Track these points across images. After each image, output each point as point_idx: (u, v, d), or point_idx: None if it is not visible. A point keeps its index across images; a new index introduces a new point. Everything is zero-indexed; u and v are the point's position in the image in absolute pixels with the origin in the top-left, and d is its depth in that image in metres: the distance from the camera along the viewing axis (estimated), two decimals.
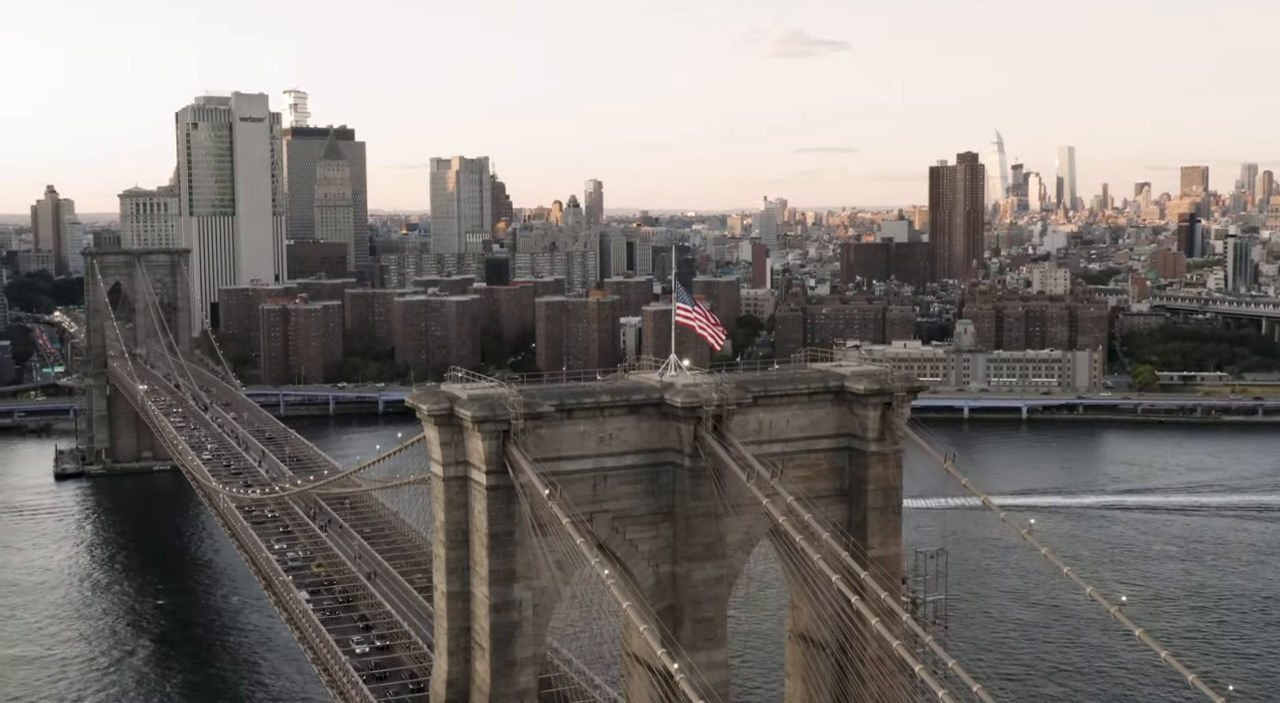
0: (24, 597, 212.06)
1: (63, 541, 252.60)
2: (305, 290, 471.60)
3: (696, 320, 79.86)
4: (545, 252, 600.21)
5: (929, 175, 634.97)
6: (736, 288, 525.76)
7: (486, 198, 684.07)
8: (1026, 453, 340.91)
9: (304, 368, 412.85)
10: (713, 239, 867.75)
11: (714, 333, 79.20)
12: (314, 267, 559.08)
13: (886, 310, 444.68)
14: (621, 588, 60.09)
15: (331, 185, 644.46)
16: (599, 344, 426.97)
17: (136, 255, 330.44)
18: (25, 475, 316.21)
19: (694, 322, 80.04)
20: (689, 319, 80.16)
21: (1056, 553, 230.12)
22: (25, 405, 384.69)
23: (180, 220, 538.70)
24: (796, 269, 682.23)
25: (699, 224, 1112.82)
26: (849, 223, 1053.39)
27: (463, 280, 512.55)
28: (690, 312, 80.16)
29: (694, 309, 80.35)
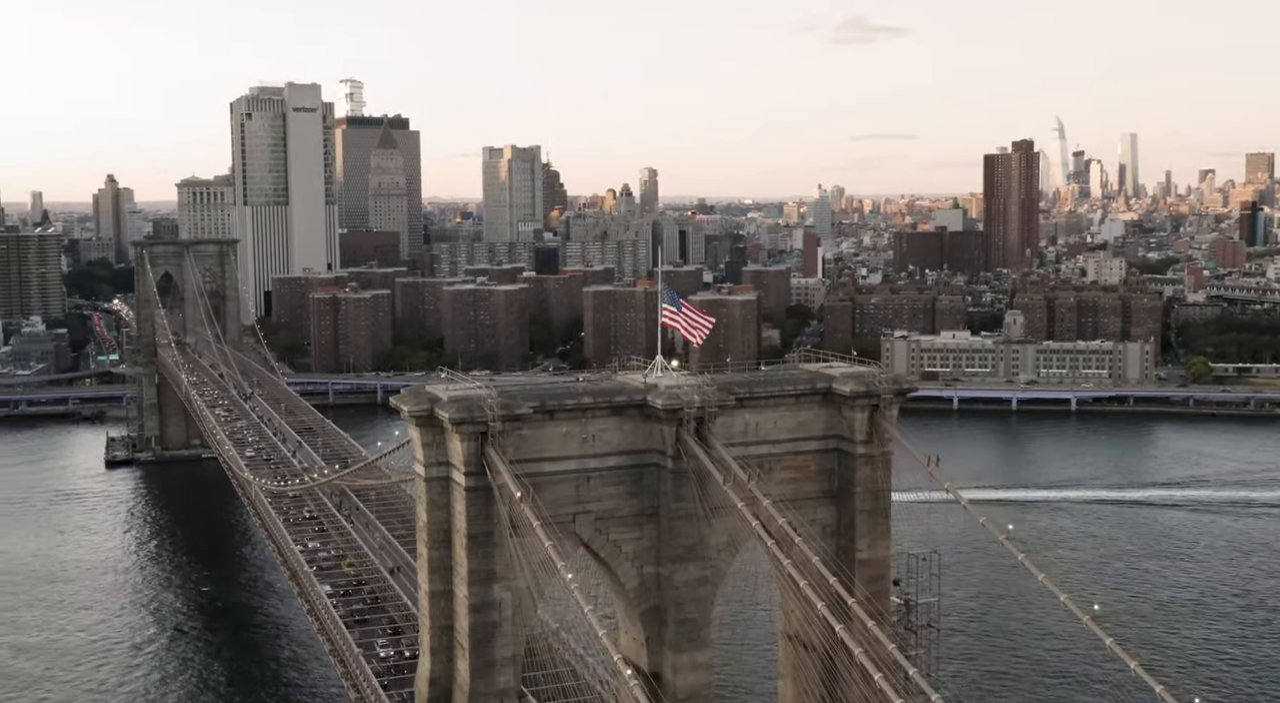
0: (72, 584, 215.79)
1: (111, 527, 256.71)
2: (356, 279, 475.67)
3: (680, 319, 79.49)
4: (596, 240, 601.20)
5: (984, 163, 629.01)
6: (787, 277, 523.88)
7: (538, 186, 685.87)
8: (1074, 446, 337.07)
9: (353, 356, 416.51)
10: (766, 227, 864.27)
11: (699, 329, 78.91)
12: (366, 255, 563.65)
13: (936, 300, 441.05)
14: (587, 593, 60.13)
15: (385, 175, 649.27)
16: (646, 333, 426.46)
17: (185, 245, 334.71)
18: (78, 462, 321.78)
19: (677, 321, 79.76)
20: (672, 319, 79.94)
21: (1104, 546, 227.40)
22: (80, 392, 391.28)
23: (235, 210, 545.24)
24: (850, 258, 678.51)
25: (755, 212, 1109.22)
26: (906, 211, 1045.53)
27: (513, 269, 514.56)
28: (675, 312, 79.99)
29: (679, 309, 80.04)
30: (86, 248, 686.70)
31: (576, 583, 59.47)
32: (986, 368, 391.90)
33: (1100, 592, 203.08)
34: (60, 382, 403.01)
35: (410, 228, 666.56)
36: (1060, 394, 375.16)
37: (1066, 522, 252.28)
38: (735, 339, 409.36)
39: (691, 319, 79.96)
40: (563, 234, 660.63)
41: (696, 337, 79.51)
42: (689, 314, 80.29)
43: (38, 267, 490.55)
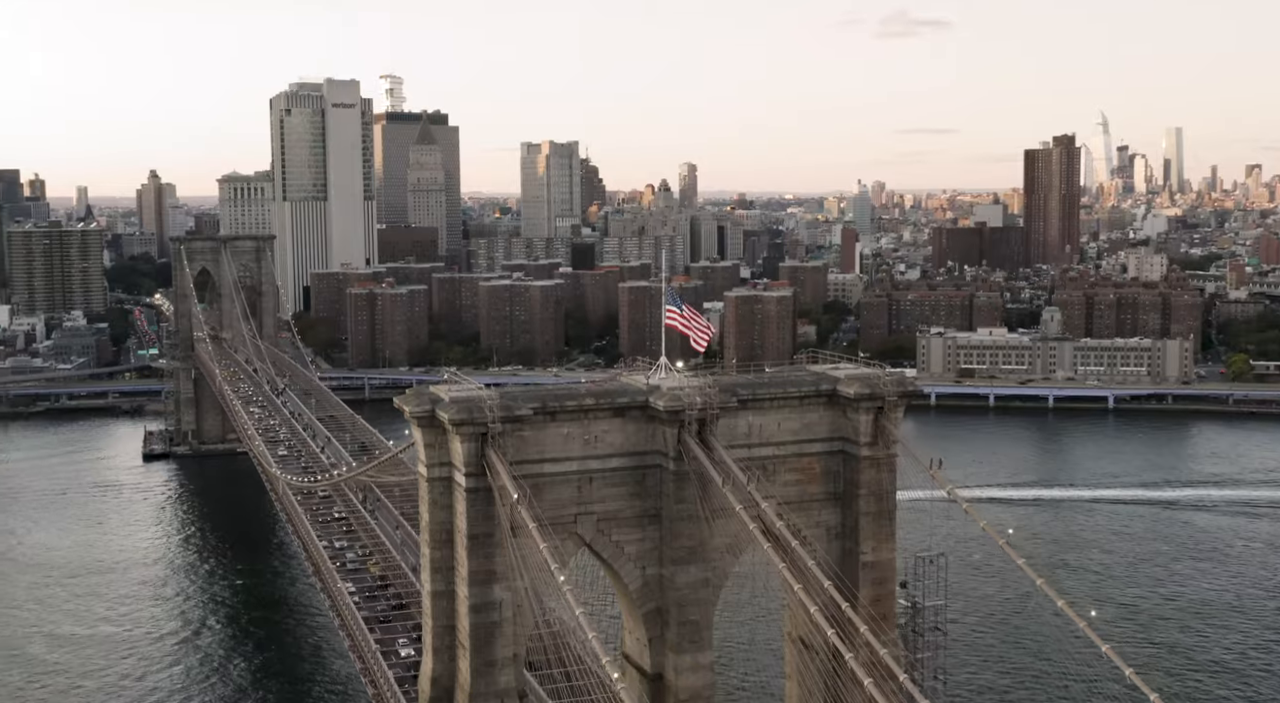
0: (107, 576, 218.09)
1: (147, 520, 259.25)
2: (394, 275, 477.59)
3: (683, 322, 79.45)
4: (633, 236, 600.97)
5: (1024, 158, 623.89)
6: (824, 273, 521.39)
7: (576, 182, 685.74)
8: (1111, 444, 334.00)
9: (389, 352, 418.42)
10: (806, 223, 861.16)
11: (697, 333, 78.85)
12: (405, 251, 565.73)
13: (974, 297, 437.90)
14: (579, 595, 60.22)
15: (424, 170, 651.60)
16: None
17: (222, 241, 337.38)
18: (116, 455, 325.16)
19: (680, 323, 79.71)
20: (679, 323, 79.88)
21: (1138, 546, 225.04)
22: (120, 386, 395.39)
23: (274, 205, 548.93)
24: (889, 253, 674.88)
25: (795, 207, 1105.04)
26: (948, 206, 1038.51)
27: (549, 265, 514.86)
28: (678, 313, 79.93)
29: (681, 312, 79.98)
30: (129, 243, 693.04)
31: (569, 585, 59.46)
32: (1024, 365, 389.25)
33: (1133, 593, 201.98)
34: (100, 376, 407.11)
35: (449, 223, 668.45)
36: (1097, 392, 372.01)
37: (1102, 521, 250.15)
38: (770, 335, 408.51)
39: (694, 323, 79.89)
40: (601, 230, 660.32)
41: (700, 341, 79.37)
42: (692, 318, 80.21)
43: (80, 261, 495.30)
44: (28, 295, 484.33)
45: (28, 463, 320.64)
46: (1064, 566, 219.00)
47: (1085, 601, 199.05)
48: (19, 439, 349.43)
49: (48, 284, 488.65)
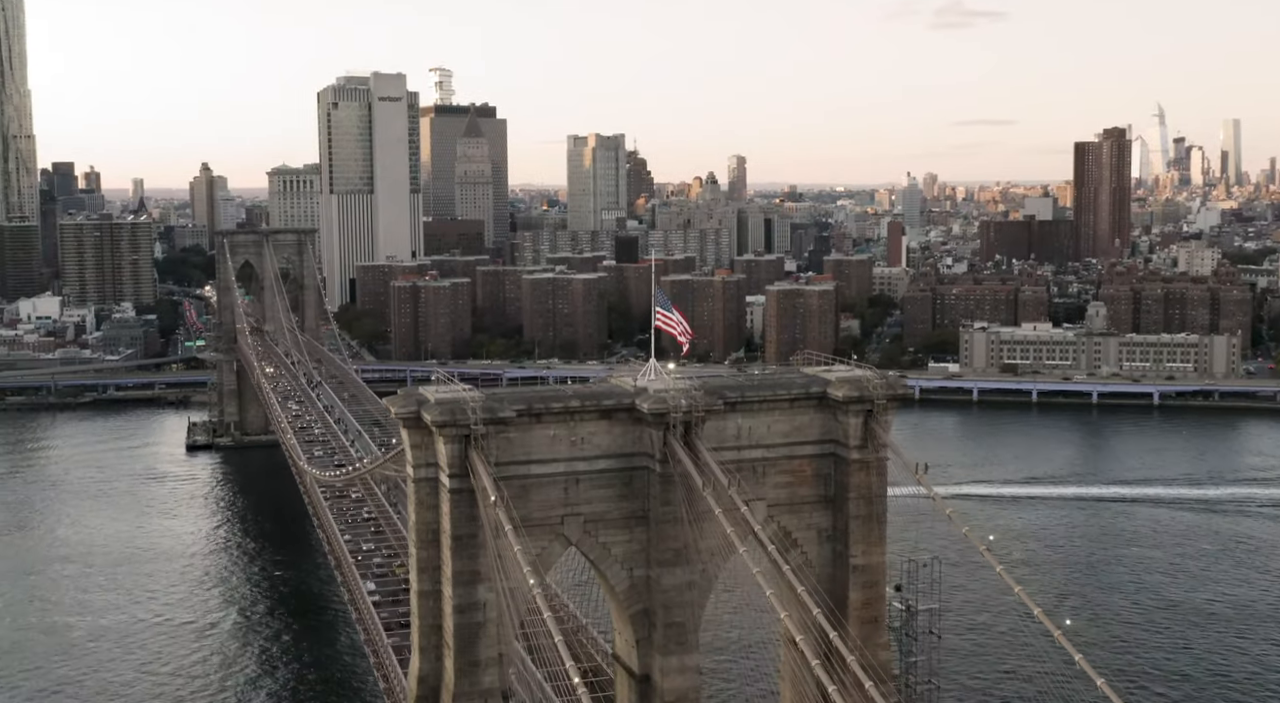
0: (148, 566, 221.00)
1: (188, 511, 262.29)
2: (438, 267, 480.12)
3: (670, 324, 79.63)
4: (679, 229, 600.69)
5: (1074, 151, 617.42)
6: (869, 266, 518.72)
7: (622, 175, 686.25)
8: (1156, 441, 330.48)
9: (432, 344, 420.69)
10: (854, 215, 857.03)
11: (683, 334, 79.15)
12: (451, 243, 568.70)
13: (1019, 291, 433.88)
14: (548, 599, 60.39)
15: (471, 163, 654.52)
16: (723, 323, 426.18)
17: (265, 235, 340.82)
18: (161, 446, 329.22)
19: (665, 324, 79.88)
20: (665, 323, 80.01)
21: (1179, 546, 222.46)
22: (166, 378, 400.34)
23: (322, 198, 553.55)
24: (937, 247, 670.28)
25: (846, 200, 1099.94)
26: (1000, 198, 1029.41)
27: (593, 258, 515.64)
28: (669, 316, 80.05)
29: (672, 314, 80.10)
30: (181, 235, 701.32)
31: (540, 588, 59.65)
32: (1068, 361, 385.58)
33: (1173, 594, 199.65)
34: (147, 367, 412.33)
35: (496, 216, 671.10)
36: (1143, 388, 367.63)
37: (1144, 520, 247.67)
38: (812, 330, 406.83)
39: (680, 325, 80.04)
40: (648, 222, 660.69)
41: (682, 340, 79.64)
42: (679, 320, 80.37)
43: (130, 253, 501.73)
44: (79, 287, 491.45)
45: (75, 453, 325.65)
46: (1101, 565, 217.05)
47: (1119, 600, 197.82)
48: (67, 429, 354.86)
49: (98, 276, 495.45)
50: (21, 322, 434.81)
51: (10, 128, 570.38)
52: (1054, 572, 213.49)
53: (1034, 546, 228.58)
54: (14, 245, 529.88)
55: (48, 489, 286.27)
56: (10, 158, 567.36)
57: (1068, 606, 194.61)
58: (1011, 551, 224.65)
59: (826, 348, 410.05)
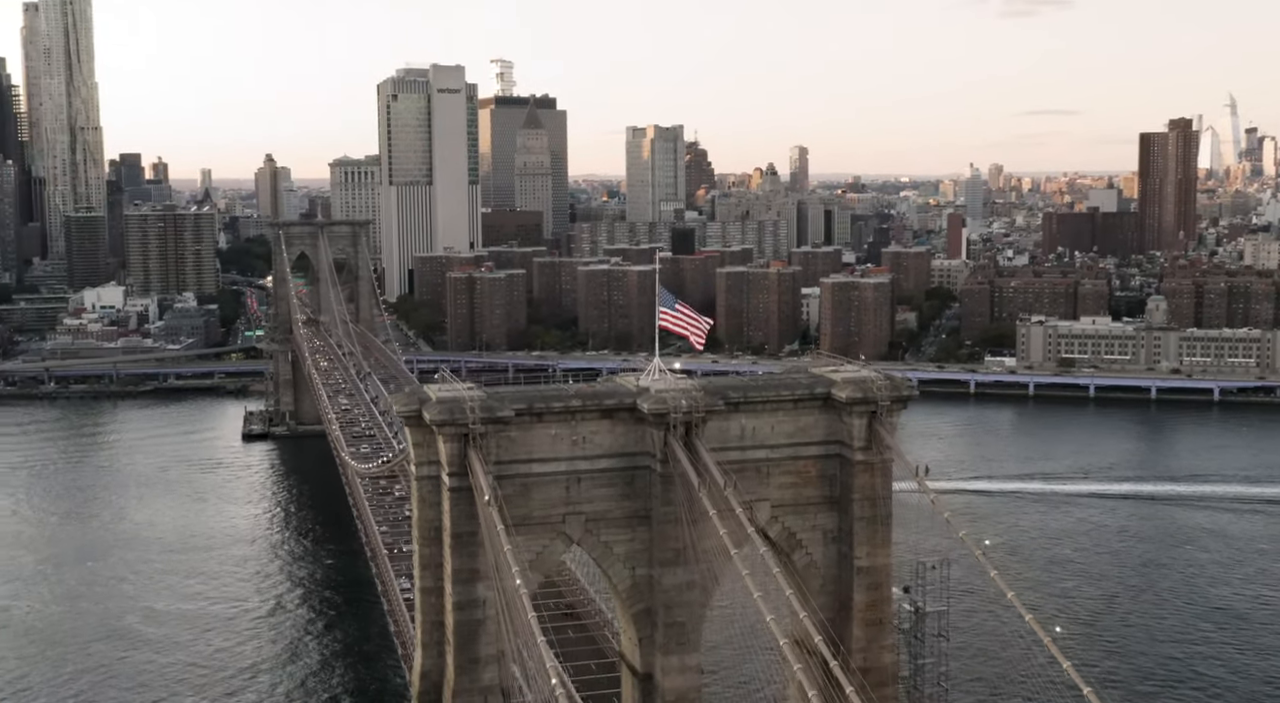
0: (203, 553, 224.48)
1: (243, 499, 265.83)
2: (495, 258, 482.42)
3: (678, 322, 79.41)
4: (737, 221, 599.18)
5: (1139, 142, 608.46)
6: (927, 259, 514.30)
7: (680, 166, 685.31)
8: (1215, 438, 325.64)
9: (487, 335, 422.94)
10: (917, 206, 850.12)
11: (695, 331, 78.76)
12: (509, 235, 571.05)
13: (1079, 284, 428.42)
14: (528, 600, 60.66)
15: (530, 154, 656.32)
16: (779, 316, 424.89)
17: (320, 226, 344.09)
18: (218, 435, 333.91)
19: (674, 323, 79.69)
20: (670, 322, 79.87)
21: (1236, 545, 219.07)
22: (225, 367, 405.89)
23: (382, 189, 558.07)
24: (999, 239, 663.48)
25: (910, 190, 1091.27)
26: (1066, 189, 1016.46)
27: (650, 249, 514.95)
28: (671, 314, 79.89)
29: (675, 311, 79.88)
30: (246, 225, 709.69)
31: (526, 589, 59.99)
32: (1126, 355, 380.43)
33: (1222, 594, 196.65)
34: (207, 356, 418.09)
35: (555, 207, 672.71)
36: (1203, 384, 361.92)
37: (1201, 518, 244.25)
38: (867, 323, 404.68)
39: (688, 320, 79.79)
40: (707, 213, 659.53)
41: (695, 339, 79.33)
42: (687, 315, 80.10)
43: (193, 244, 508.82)
44: (143, 277, 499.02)
45: (135, 441, 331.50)
46: (1154, 564, 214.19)
47: (1173, 601, 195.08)
48: (128, 417, 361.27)
49: (162, 266, 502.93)
50: (86, 311, 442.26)
51: (78, 120, 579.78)
52: (1105, 571, 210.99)
53: (1085, 543, 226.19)
54: (81, 235, 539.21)
55: (108, 476, 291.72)
56: (78, 149, 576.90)
57: (1117, 607, 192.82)
58: (1063, 548, 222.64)
59: (882, 341, 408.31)
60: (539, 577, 74.76)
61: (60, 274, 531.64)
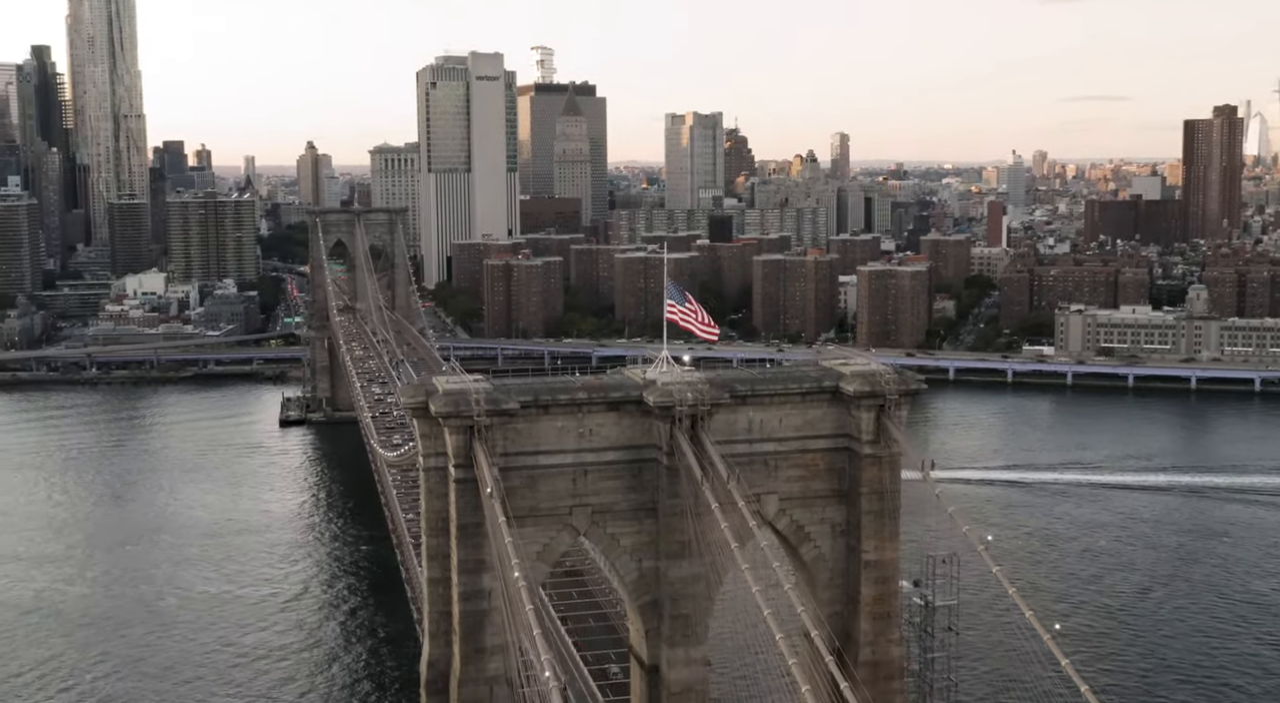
0: (239, 538, 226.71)
1: (278, 485, 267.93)
2: (532, 246, 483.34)
3: (686, 317, 79.43)
4: (775, 208, 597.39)
5: (1184, 129, 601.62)
6: (967, 247, 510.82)
7: (719, 153, 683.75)
8: (1256, 429, 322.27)
9: (524, 322, 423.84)
10: (958, 194, 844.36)
11: (704, 329, 78.76)
12: (547, 222, 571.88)
13: (1119, 273, 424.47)
14: (531, 592, 60.99)
15: (569, 141, 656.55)
16: (815, 304, 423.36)
17: (356, 214, 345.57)
18: (256, 420, 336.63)
19: (682, 318, 79.73)
20: (679, 317, 79.91)
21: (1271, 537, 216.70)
22: (264, 353, 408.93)
23: (420, 176, 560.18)
24: (1041, 226, 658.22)
25: (952, 177, 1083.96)
26: (1111, 176, 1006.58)
27: (688, 237, 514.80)
28: (680, 309, 79.88)
29: (684, 307, 79.88)
30: (287, 212, 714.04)
31: (526, 582, 60.27)
32: (1166, 345, 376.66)
33: (1257, 587, 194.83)
34: (246, 342, 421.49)
35: (594, 194, 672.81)
36: (1244, 374, 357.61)
37: (1238, 510, 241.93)
38: (904, 311, 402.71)
39: (698, 318, 79.87)
40: (747, 200, 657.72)
41: (702, 333, 79.41)
42: (695, 311, 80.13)
43: (234, 231, 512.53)
44: (184, 264, 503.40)
45: (174, 426, 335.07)
46: (1189, 557, 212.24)
47: (1205, 594, 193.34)
48: (167, 403, 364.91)
49: (203, 253, 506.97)
50: (128, 297, 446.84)
51: (121, 107, 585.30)
52: (1139, 562, 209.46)
53: (1120, 535, 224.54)
54: (124, 222, 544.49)
55: (147, 461, 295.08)
56: (121, 137, 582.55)
57: (1150, 598, 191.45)
58: (1097, 539, 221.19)
59: (919, 330, 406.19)
60: (546, 568, 75.03)
61: (104, 261, 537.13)
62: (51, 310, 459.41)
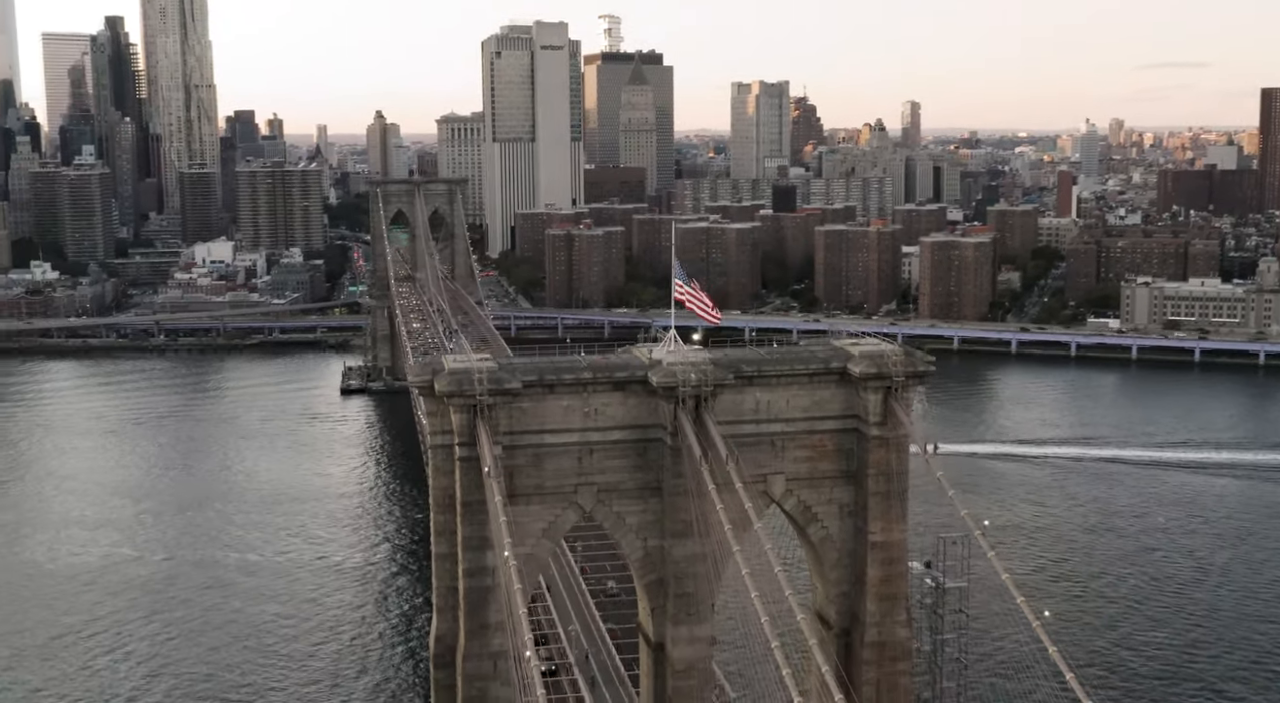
0: (298, 505, 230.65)
1: (338, 453, 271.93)
2: (595, 216, 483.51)
3: (692, 298, 79.59)
4: (841, 178, 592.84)
5: (1260, 98, 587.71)
6: (1034, 217, 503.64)
7: (786, 122, 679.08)
8: None
9: (584, 292, 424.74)
10: (1030, 163, 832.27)
11: (707, 312, 79.01)
12: (612, 191, 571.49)
13: (1189, 245, 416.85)
14: (520, 571, 61.60)
15: (635, 111, 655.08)
16: (878, 275, 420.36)
17: (416, 185, 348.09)
18: (318, 388, 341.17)
19: (689, 300, 79.88)
20: (686, 298, 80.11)
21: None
22: (328, 322, 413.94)
23: (485, 146, 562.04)
24: (1113, 197, 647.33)
25: (1026, 146, 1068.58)
26: (1189, 145, 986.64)
27: (751, 207, 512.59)
28: (686, 290, 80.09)
29: (689, 288, 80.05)
30: (357, 181, 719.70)
31: (515, 560, 60.92)
32: (1235, 319, 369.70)
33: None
34: (311, 311, 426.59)
35: (660, 164, 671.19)
36: None
37: None
38: (967, 283, 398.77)
39: (701, 300, 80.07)
40: (814, 170, 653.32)
41: (704, 315, 79.60)
42: (700, 296, 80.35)
43: (301, 200, 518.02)
44: (253, 233, 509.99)
45: (238, 393, 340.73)
46: (1251, 537, 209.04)
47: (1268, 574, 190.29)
48: (233, 370, 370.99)
49: (271, 222, 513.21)
50: (196, 266, 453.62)
51: (192, 77, 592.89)
52: (1197, 542, 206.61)
53: (1180, 513, 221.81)
54: (194, 192, 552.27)
55: (210, 427, 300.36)
56: (192, 106, 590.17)
57: (1208, 578, 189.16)
58: (1155, 517, 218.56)
59: (982, 302, 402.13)
60: (551, 545, 75.78)
61: (175, 229, 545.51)
62: (123, 278, 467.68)
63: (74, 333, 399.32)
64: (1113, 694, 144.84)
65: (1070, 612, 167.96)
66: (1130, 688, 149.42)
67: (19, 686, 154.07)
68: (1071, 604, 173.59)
